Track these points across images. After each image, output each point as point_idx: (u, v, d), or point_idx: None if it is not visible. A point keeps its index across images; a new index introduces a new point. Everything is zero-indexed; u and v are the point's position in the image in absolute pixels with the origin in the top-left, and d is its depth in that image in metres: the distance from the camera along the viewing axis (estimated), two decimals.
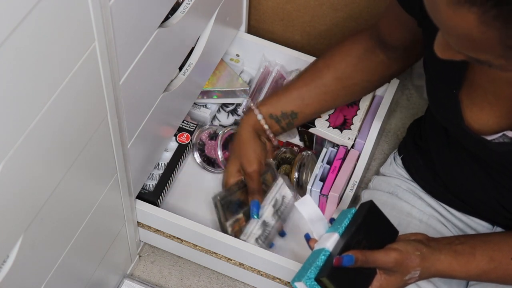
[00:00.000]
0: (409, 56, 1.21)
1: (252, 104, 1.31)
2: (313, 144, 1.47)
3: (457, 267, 0.98)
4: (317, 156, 1.42)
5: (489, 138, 0.97)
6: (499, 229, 1.16)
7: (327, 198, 1.34)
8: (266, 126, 1.29)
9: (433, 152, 1.16)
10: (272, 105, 1.29)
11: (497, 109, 0.95)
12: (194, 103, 1.51)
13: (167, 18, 1.15)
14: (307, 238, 1.05)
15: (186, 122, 1.47)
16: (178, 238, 1.37)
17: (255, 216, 1.29)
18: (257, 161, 1.29)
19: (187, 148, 1.45)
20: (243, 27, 1.57)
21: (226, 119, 1.55)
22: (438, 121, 1.07)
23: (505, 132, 0.95)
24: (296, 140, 1.52)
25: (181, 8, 1.18)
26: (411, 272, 0.97)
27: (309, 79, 1.26)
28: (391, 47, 1.18)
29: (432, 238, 1.01)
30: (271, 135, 1.31)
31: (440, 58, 0.97)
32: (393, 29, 1.14)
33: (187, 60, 1.32)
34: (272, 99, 1.30)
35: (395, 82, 1.47)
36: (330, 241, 0.99)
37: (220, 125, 1.54)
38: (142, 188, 1.37)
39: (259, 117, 1.29)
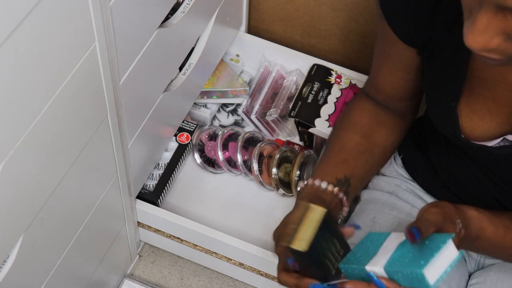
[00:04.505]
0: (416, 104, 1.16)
1: (304, 182, 1.09)
2: (313, 144, 1.47)
3: (486, 221, 0.98)
4: (317, 155, 1.42)
5: (490, 144, 0.97)
6: None
7: None
8: (336, 189, 1.07)
9: (433, 151, 1.16)
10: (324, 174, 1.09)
11: (498, 115, 0.96)
12: (194, 103, 1.52)
13: (167, 18, 1.15)
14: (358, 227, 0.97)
15: (186, 122, 1.47)
16: (178, 238, 1.38)
17: None
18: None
19: (187, 148, 1.45)
20: (243, 27, 1.57)
21: (226, 119, 1.55)
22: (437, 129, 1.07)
23: (505, 137, 0.95)
24: (296, 139, 1.52)
25: (181, 8, 1.18)
26: (455, 222, 0.93)
27: (338, 146, 1.14)
28: (398, 103, 1.14)
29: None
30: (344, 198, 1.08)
31: (438, 73, 0.97)
32: (394, 78, 1.10)
33: (187, 60, 1.32)
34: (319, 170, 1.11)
35: None
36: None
37: (220, 125, 1.54)
38: (142, 188, 1.37)
39: (324, 185, 1.06)
